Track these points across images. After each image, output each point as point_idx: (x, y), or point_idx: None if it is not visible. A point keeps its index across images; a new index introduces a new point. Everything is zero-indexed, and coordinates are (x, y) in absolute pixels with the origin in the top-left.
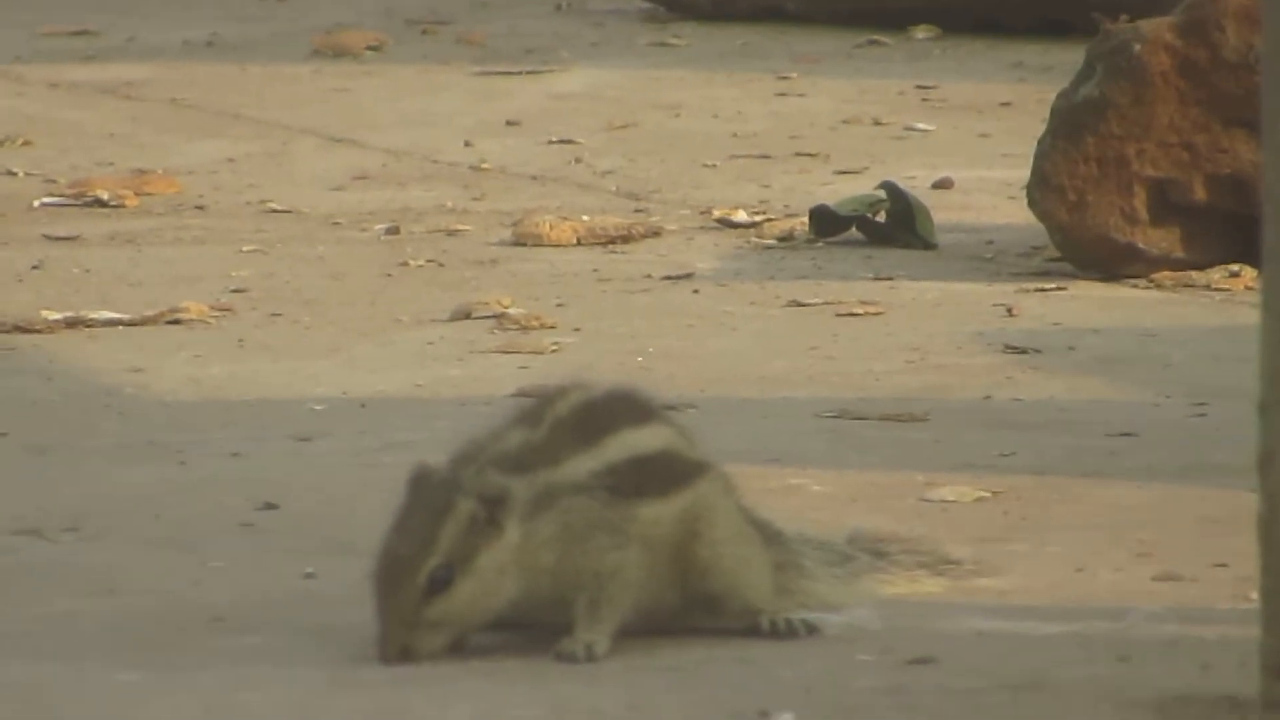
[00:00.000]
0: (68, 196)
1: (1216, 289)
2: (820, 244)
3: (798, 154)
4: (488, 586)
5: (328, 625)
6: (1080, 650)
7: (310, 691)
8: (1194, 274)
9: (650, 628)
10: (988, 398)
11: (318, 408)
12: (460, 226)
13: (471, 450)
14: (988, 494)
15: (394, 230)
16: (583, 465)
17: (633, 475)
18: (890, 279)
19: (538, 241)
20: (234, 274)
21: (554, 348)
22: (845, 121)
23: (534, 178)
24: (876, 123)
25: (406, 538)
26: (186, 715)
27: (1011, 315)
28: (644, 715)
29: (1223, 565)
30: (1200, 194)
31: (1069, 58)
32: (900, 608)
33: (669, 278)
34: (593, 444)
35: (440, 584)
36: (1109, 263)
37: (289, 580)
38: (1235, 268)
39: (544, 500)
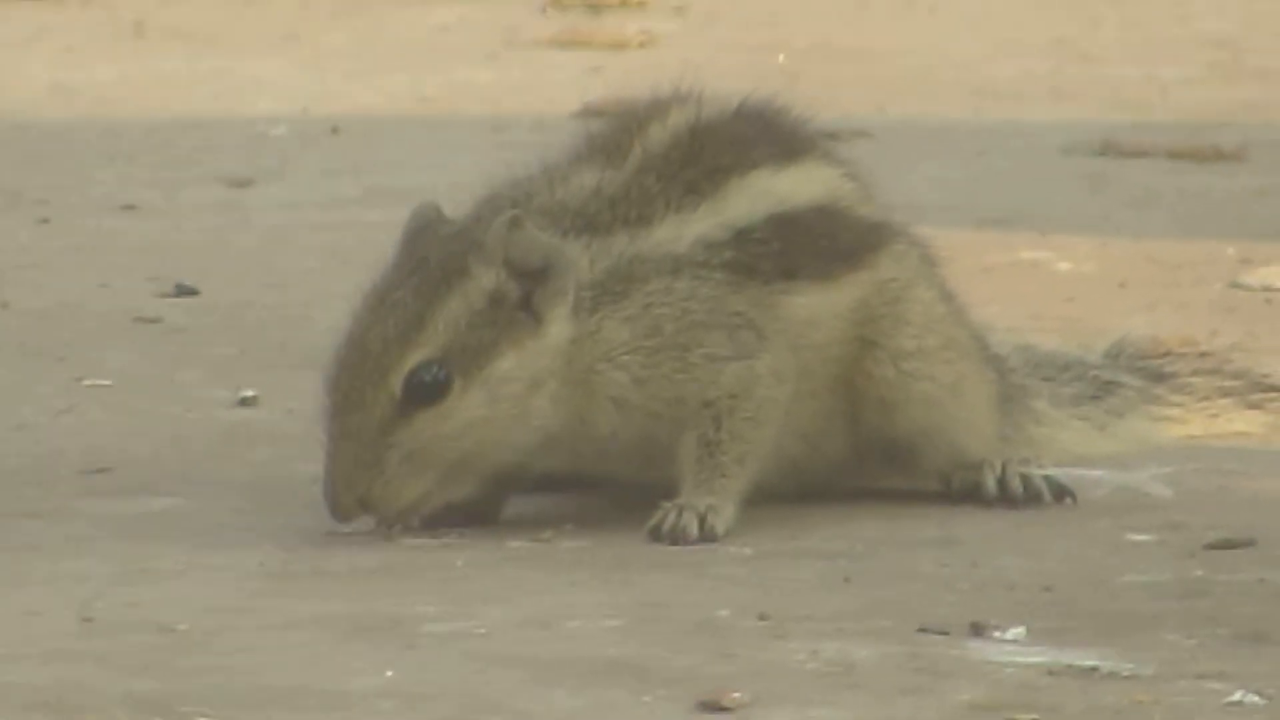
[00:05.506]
0: None
1: None
2: None
3: None
4: (505, 407)
5: (274, 476)
6: None
7: (230, 587)
8: None
9: (800, 490)
10: None
11: (270, 132)
12: None
13: (509, 197)
14: None
15: None
16: (689, 228)
17: (773, 244)
18: None
19: None
20: None
21: (643, 38)
22: None
23: None
24: None
25: (383, 317)
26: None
27: None
28: (778, 629)
29: None
30: None
31: None
32: (1196, 459)
33: None
34: (705, 194)
35: (425, 390)
36: None
37: (214, 407)
38: None
39: (620, 280)
